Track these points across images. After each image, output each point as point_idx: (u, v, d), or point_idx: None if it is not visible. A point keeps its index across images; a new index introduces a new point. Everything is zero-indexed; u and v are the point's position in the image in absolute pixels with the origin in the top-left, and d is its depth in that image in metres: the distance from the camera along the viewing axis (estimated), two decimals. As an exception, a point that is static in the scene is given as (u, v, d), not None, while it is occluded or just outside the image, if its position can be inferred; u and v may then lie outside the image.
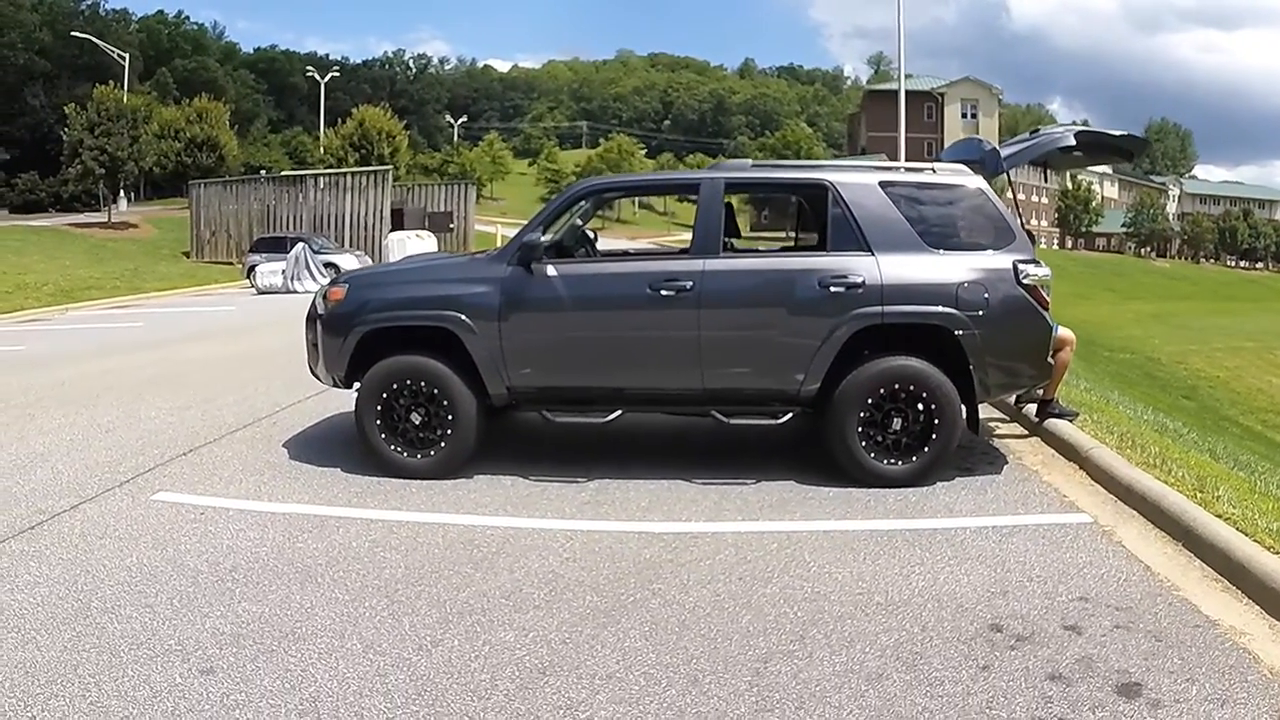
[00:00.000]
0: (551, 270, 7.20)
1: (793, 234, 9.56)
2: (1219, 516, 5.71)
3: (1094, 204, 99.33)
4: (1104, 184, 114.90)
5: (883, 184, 7.18)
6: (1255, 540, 5.28)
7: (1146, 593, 5.02)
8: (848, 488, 6.86)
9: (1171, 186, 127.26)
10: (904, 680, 4.12)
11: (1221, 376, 31.07)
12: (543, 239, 7.19)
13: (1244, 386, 29.63)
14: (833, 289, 6.90)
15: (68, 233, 45.90)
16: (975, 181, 7.29)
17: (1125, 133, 7.95)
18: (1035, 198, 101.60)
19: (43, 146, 70.02)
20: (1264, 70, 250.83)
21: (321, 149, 66.36)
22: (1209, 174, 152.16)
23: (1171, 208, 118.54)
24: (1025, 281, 6.94)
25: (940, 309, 6.85)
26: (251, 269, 32.28)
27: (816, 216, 7.64)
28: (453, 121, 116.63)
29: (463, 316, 7.11)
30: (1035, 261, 7.09)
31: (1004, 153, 8.14)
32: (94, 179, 48.95)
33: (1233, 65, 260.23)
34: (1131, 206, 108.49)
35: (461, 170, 70.48)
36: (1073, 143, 7.76)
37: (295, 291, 28.12)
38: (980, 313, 6.83)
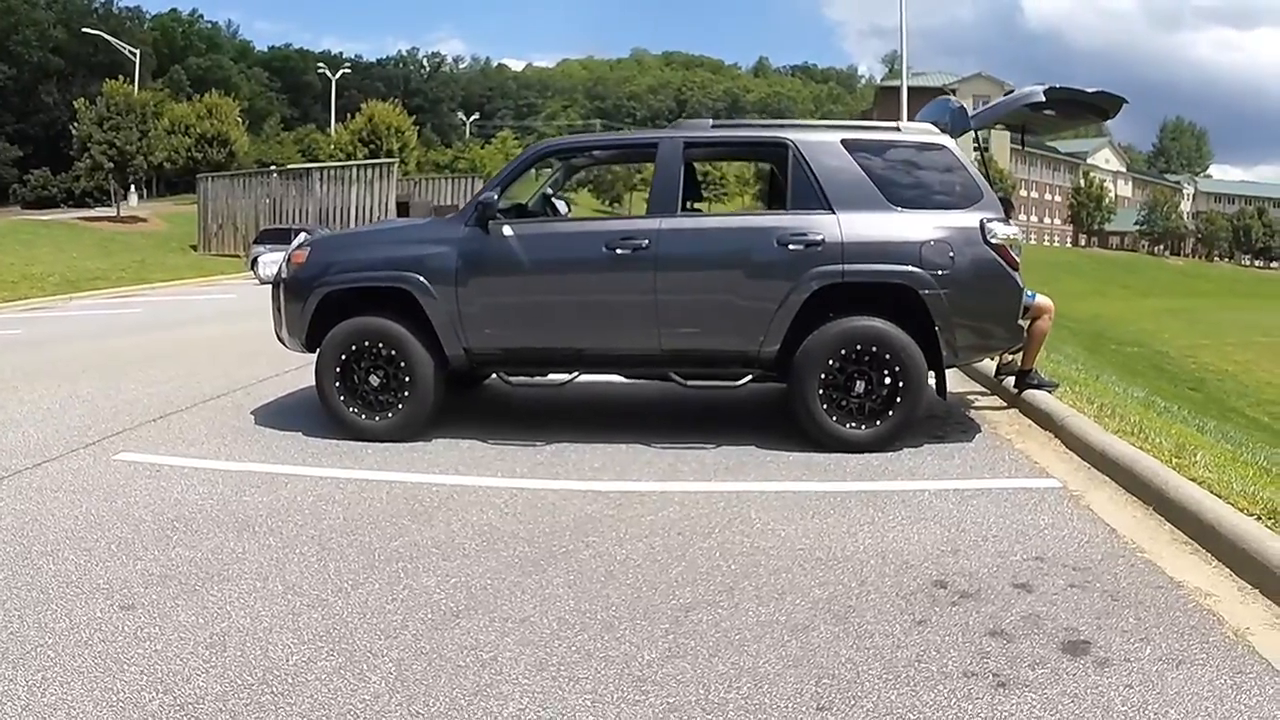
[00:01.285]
0: (508, 230, 7.10)
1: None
2: (1193, 480, 5.50)
3: (1106, 201, 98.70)
4: (1117, 182, 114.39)
5: (845, 142, 7.04)
6: (1229, 502, 5.06)
7: (1108, 554, 4.83)
8: (810, 453, 6.73)
9: (1186, 185, 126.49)
10: (831, 632, 3.98)
11: (1231, 370, 30.75)
12: (497, 199, 7.10)
13: (1253, 380, 29.28)
14: (791, 247, 6.77)
15: (77, 226, 46.08)
16: (941, 139, 7.14)
17: (1099, 89, 7.77)
18: (1048, 196, 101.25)
19: (56, 144, 70.37)
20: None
21: (331, 144, 66.44)
22: (1225, 174, 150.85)
23: (1186, 206, 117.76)
24: (993, 240, 6.78)
25: (904, 268, 6.70)
26: (255, 260, 32.33)
27: (777, 176, 7.53)
28: (466, 120, 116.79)
29: (420, 277, 7.03)
30: (1004, 220, 6.93)
31: (972, 111, 8.00)
32: (103, 173, 49.06)
33: (1250, 64, 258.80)
34: (1145, 205, 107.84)
35: (471, 166, 70.48)
36: (1043, 99, 7.59)
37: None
38: (945, 272, 6.68)
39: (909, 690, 3.48)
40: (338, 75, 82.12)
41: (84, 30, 72.25)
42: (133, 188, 57.01)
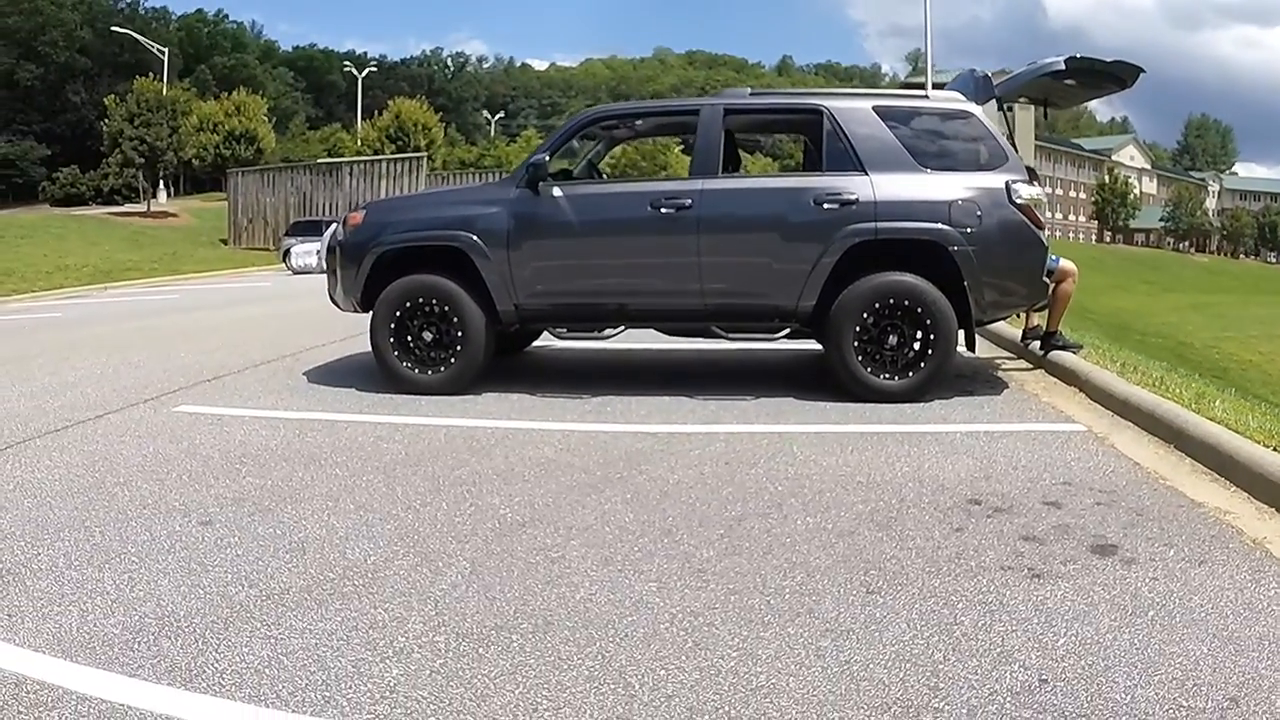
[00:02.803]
0: (557, 191, 7.42)
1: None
2: (1212, 420, 5.78)
3: (1131, 198, 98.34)
4: (1142, 179, 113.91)
5: (876, 109, 7.36)
6: (1247, 437, 5.33)
7: (1132, 481, 5.11)
8: (846, 403, 7.00)
9: (1211, 182, 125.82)
10: (875, 536, 4.27)
11: (1255, 360, 30.71)
12: (548, 160, 7.40)
13: (1276, 369, 29.29)
14: (827, 205, 7.07)
15: (108, 220, 46.61)
16: (968, 106, 7.45)
17: (1116, 59, 8.05)
18: (1073, 193, 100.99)
19: (83, 142, 71.00)
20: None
21: (358, 141, 66.87)
22: (1250, 171, 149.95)
23: (1211, 204, 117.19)
24: (1017, 200, 7.06)
25: (934, 225, 6.99)
26: (287, 251, 32.71)
27: (812, 140, 7.82)
28: (490, 118, 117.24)
29: (473, 236, 7.34)
30: (1028, 181, 7.22)
31: (997, 82, 8.26)
32: (134, 170, 49.63)
33: (1273, 61, 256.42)
34: (1170, 202, 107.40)
35: (497, 163, 70.88)
36: (1063, 68, 7.87)
37: (329, 271, 28.37)
38: (973, 230, 6.96)
39: (950, 579, 3.76)
40: (364, 74, 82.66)
41: (111, 29, 72.95)
42: (162, 184, 57.54)
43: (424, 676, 3.01)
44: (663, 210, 7.21)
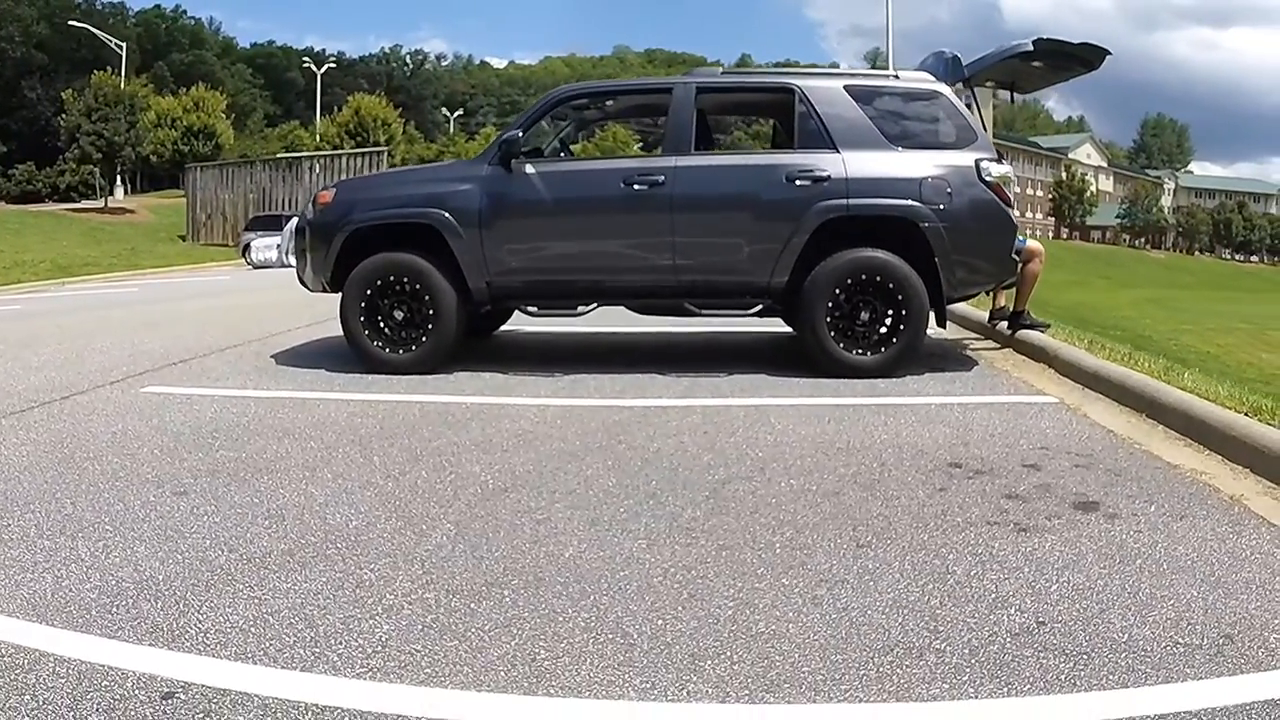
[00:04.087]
0: (530, 168, 7.38)
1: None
2: (1182, 389, 5.85)
3: (1088, 194, 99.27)
4: (1099, 177, 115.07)
5: (847, 88, 7.41)
6: (1218, 404, 5.40)
7: (1107, 445, 5.16)
8: (819, 379, 7.01)
9: (1167, 180, 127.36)
10: (860, 496, 4.27)
11: (1213, 352, 30.89)
12: (521, 138, 7.35)
13: (1234, 360, 29.47)
14: (799, 182, 7.09)
15: (65, 217, 46.01)
16: (937, 86, 7.54)
17: (1084, 41, 8.12)
18: (1030, 190, 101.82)
19: (40, 139, 70.00)
20: (1258, 68, 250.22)
21: (317, 137, 66.36)
22: (1205, 170, 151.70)
23: (1167, 201, 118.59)
24: (987, 178, 7.12)
25: (905, 201, 7.03)
26: (247, 246, 32.40)
27: (783, 121, 7.85)
28: (449, 116, 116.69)
29: (444, 213, 7.28)
30: (998, 160, 7.27)
31: (966, 62, 8.29)
32: (92, 164, 49.00)
33: (1228, 63, 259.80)
34: (1126, 199, 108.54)
35: (458, 158, 70.52)
36: (1031, 49, 7.92)
37: (290, 265, 28.12)
38: (944, 206, 7.01)
39: (939, 533, 3.77)
40: (322, 70, 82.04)
41: (69, 24, 71.97)
42: (119, 181, 56.84)
43: (416, 631, 2.96)
44: (635, 187, 7.19)
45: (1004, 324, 8.76)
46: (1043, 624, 2.94)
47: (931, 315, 7.30)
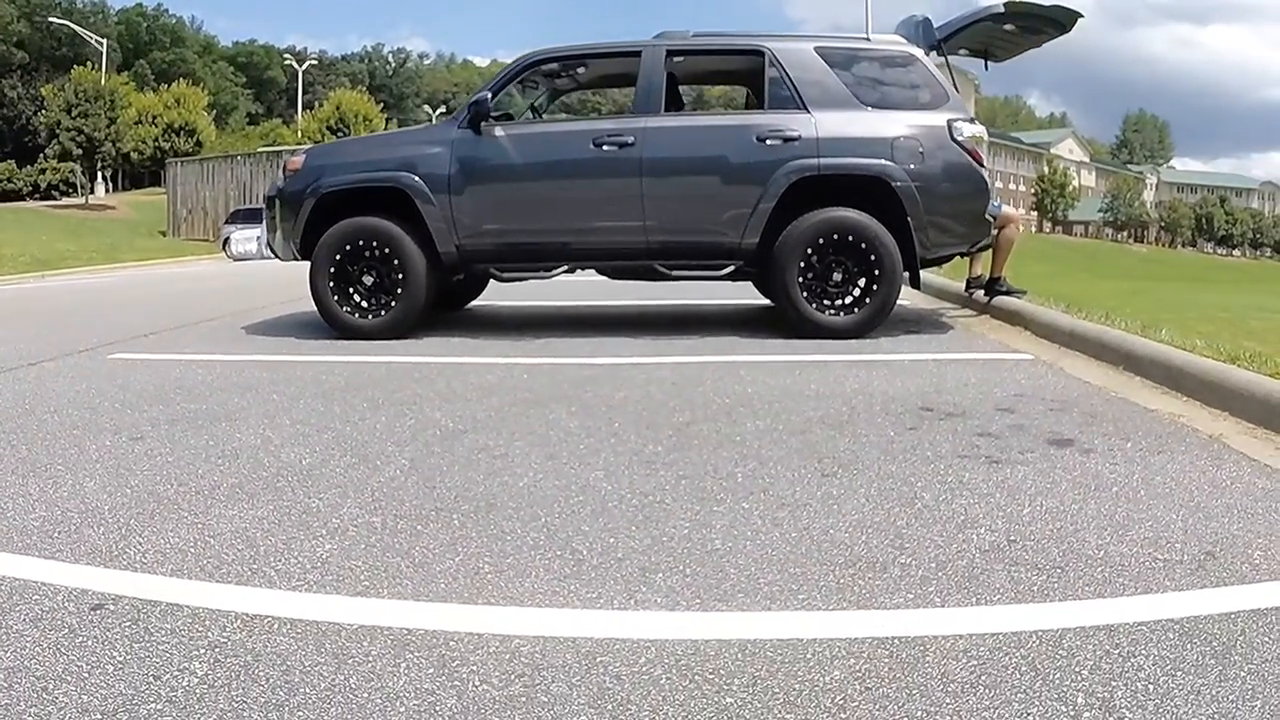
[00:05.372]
0: (499, 131, 7.28)
1: None
2: (1159, 342, 5.78)
3: (1070, 188, 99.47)
4: (1080, 173, 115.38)
5: (819, 49, 7.34)
6: (1195, 354, 5.31)
7: (1083, 393, 5.08)
8: (792, 339, 6.92)
9: (1149, 175, 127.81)
10: (828, 434, 4.17)
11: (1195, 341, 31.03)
12: (491, 100, 7.24)
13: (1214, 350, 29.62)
14: (769, 142, 7.03)
15: (45, 213, 45.72)
16: (909, 48, 7.48)
17: (1054, 4, 8.03)
18: (1013, 185, 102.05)
19: (20, 138, 69.58)
20: (1237, 65, 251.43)
21: (299, 134, 66.05)
22: (1186, 166, 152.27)
23: (1149, 196, 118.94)
24: (959, 138, 7.05)
25: (876, 161, 6.96)
26: (227, 239, 32.18)
27: (754, 86, 7.78)
28: (431, 114, 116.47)
29: (414, 177, 7.17)
30: (971, 120, 7.19)
31: (937, 24, 8.21)
32: (72, 160, 48.67)
33: (1206, 60, 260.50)
34: (1108, 193, 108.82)
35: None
36: (1002, 9, 7.84)
37: (271, 256, 27.97)
38: (915, 166, 6.94)
39: (908, 464, 3.67)
40: (304, 67, 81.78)
41: (50, 21, 71.53)
42: (100, 178, 56.48)
43: (359, 550, 2.86)
44: (605, 148, 7.11)
45: (980, 292, 8.68)
46: (1014, 542, 2.85)
47: (906, 276, 7.21)
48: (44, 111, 47.38)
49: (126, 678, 2.12)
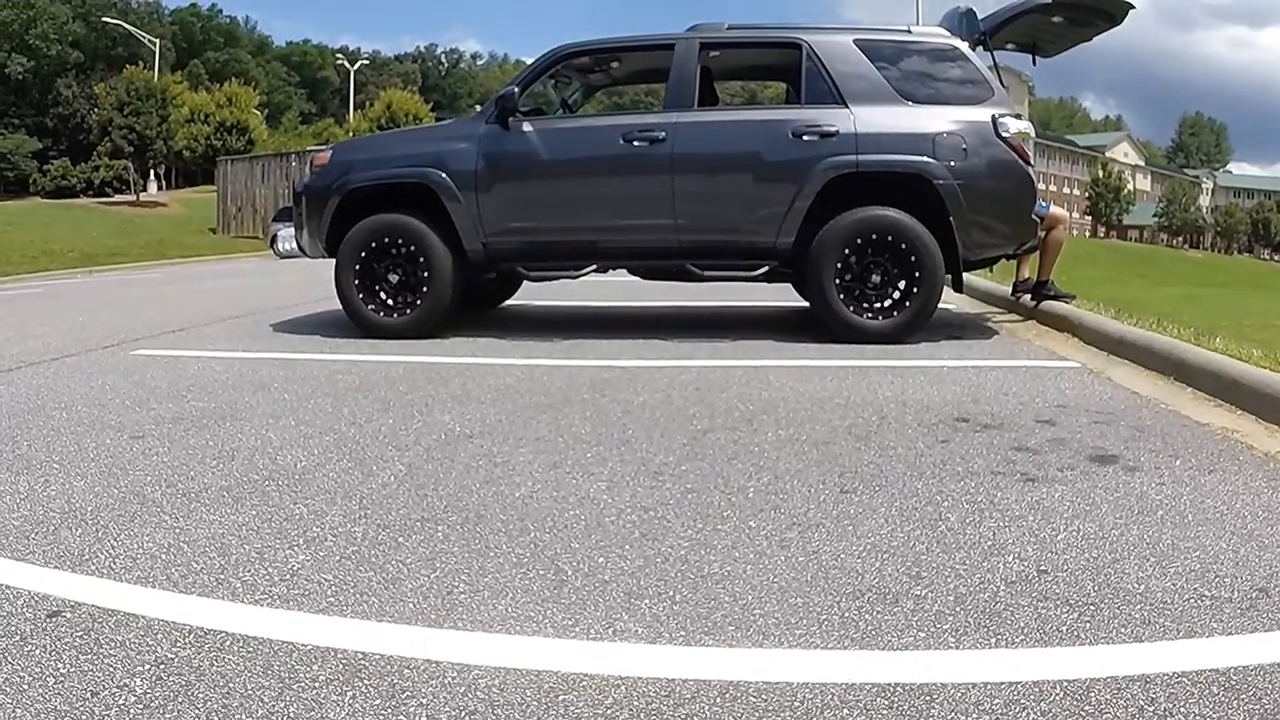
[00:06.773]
0: (528, 126, 7.08)
1: None
2: (1212, 350, 5.45)
3: (1125, 192, 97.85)
4: (1135, 176, 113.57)
5: (858, 42, 7.03)
6: (1250, 364, 4.99)
7: (1130, 405, 4.77)
8: (828, 344, 6.66)
9: (1205, 180, 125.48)
10: (853, 446, 3.93)
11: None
12: (519, 95, 7.06)
13: (1271, 358, 28.94)
14: (806, 138, 6.75)
15: (96, 209, 46.19)
16: (953, 41, 7.12)
17: None
18: (1067, 189, 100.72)
19: (74, 136, 70.64)
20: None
21: (350, 133, 66.38)
22: (1243, 170, 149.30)
23: (1205, 200, 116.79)
24: (1005, 134, 6.72)
25: (917, 158, 6.65)
26: (275, 236, 32.25)
27: (791, 80, 7.52)
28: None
29: (441, 173, 7.00)
30: (1017, 115, 6.88)
31: (982, 16, 7.90)
32: (124, 158, 49.16)
33: (1264, 61, 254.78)
34: (1163, 197, 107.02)
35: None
36: (1049, 1, 7.51)
37: (318, 255, 27.99)
38: (958, 164, 6.63)
39: (935, 481, 3.42)
40: (356, 67, 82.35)
41: (104, 21, 72.46)
42: (152, 175, 57.05)
43: (332, 562, 2.68)
44: (635, 144, 6.88)
45: (1027, 296, 8.35)
46: (1044, 572, 2.60)
47: (947, 280, 6.94)
48: (97, 110, 47.80)
49: (64, 693, 1.99)
